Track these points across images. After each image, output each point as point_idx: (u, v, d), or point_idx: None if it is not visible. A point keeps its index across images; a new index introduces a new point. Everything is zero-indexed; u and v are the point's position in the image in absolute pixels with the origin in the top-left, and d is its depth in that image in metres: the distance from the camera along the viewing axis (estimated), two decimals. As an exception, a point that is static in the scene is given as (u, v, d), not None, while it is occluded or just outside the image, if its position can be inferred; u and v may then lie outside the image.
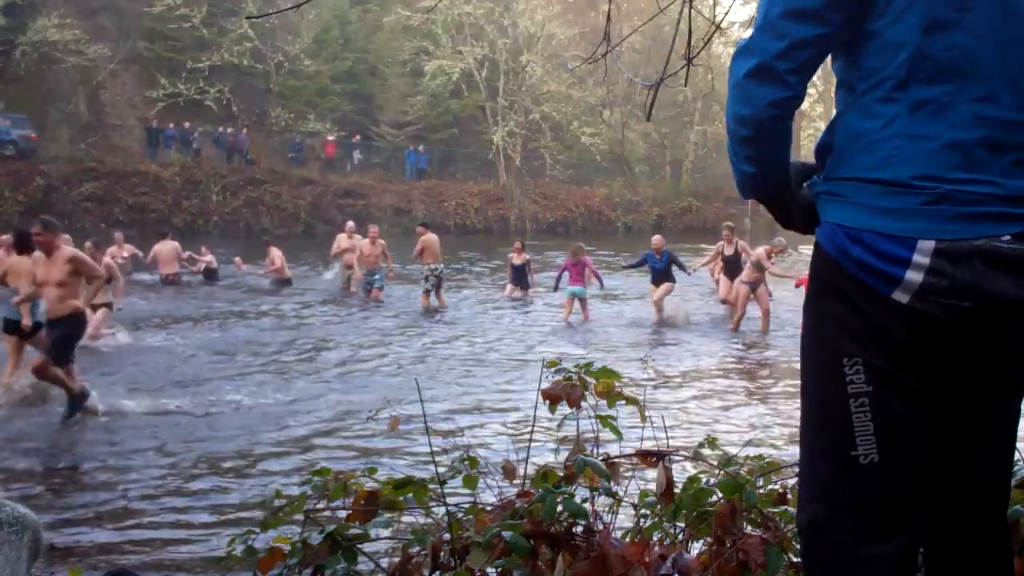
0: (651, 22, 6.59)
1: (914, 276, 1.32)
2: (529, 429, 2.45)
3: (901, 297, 1.34)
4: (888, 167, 1.35)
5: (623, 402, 2.27)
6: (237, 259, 18.89)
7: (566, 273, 13.41)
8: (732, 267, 13.73)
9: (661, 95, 3.03)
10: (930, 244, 1.31)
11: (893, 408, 1.39)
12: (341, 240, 16.41)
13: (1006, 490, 1.55)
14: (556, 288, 13.80)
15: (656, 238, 14.13)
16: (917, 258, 1.31)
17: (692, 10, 2.63)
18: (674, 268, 13.56)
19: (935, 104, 1.33)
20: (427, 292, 14.36)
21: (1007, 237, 1.31)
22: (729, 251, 14.13)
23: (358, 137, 36.63)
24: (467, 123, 39.60)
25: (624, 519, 2.43)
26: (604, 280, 14.30)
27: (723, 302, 13.96)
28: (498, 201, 36.36)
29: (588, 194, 38.60)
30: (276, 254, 16.99)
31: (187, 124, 32.12)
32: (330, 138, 35.30)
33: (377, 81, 38.17)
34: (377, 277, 15.18)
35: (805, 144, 39.94)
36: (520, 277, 15.58)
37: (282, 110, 34.79)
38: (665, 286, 13.50)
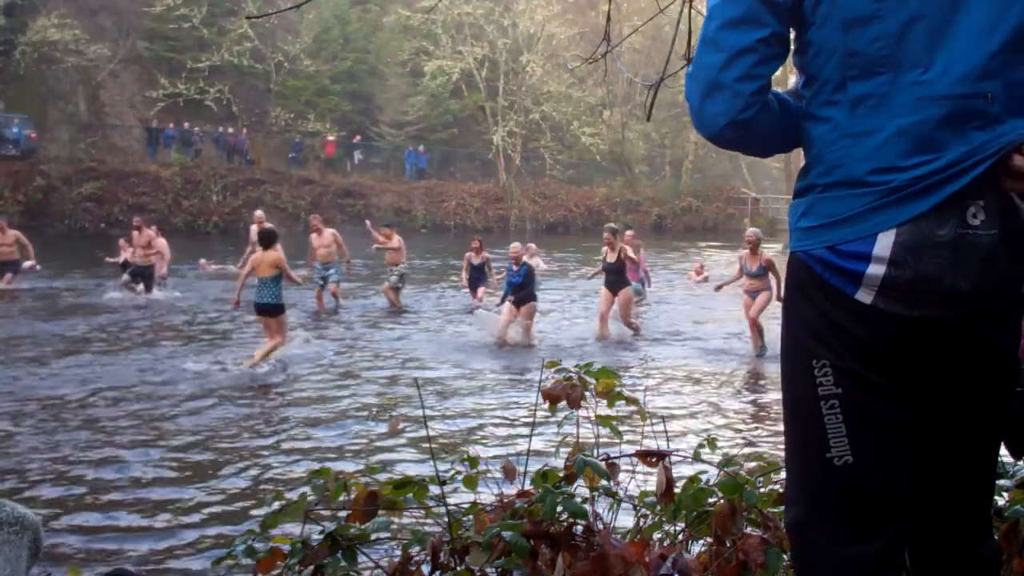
0: (651, 22, 6.58)
1: (876, 270, 1.32)
2: (529, 429, 2.45)
3: (864, 297, 1.34)
4: (842, 167, 1.36)
5: (623, 402, 2.27)
6: (202, 260, 18.80)
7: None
8: (615, 277, 11.86)
9: (661, 95, 3.03)
10: (890, 234, 1.31)
11: (863, 410, 1.39)
12: (253, 233, 14.66)
13: (988, 493, 1.54)
14: None
15: (514, 246, 11.71)
16: (878, 251, 1.32)
17: (692, 10, 2.63)
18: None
19: (874, 97, 1.34)
20: (397, 289, 14.35)
21: (976, 222, 1.30)
22: (611, 258, 11.92)
23: (358, 137, 36.64)
24: (467, 123, 39.62)
25: (624, 519, 2.43)
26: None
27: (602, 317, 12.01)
28: (498, 201, 36.36)
29: (588, 194, 38.61)
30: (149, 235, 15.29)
31: (187, 124, 32.12)
32: (330, 138, 35.30)
33: (377, 81, 38.18)
34: (332, 272, 13.91)
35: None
36: (479, 277, 14.49)
37: (282, 110, 34.79)
38: (527, 307, 11.27)
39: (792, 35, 1.43)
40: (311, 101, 35.51)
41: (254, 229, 15.16)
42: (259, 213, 15.85)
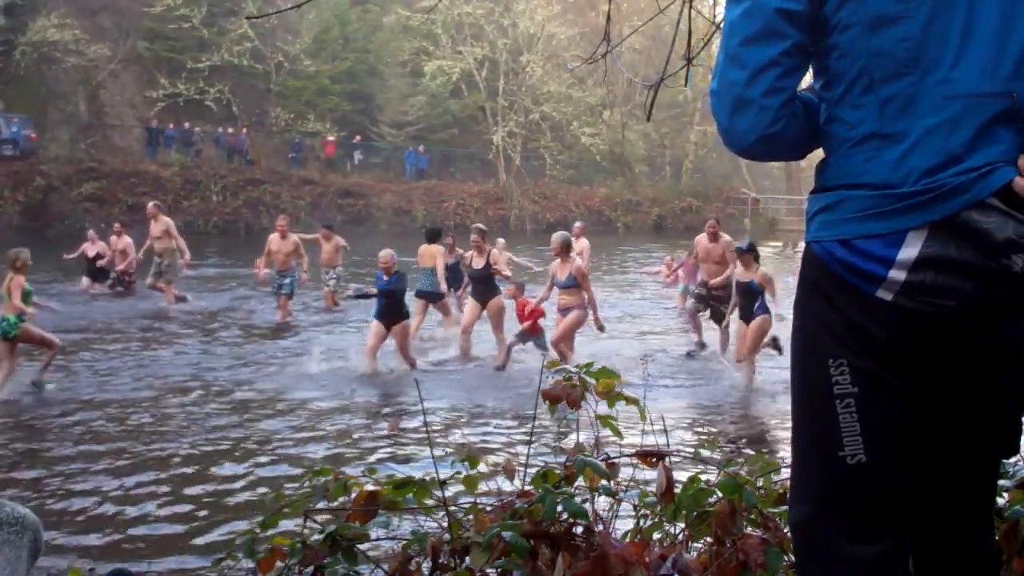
0: (651, 22, 6.59)
1: (897, 275, 1.32)
2: (529, 429, 2.45)
3: (885, 295, 1.34)
4: (870, 171, 1.35)
5: (623, 402, 2.27)
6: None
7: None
8: (483, 285, 10.20)
9: (661, 95, 3.04)
10: (915, 244, 1.30)
11: (879, 409, 1.39)
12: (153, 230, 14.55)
13: (991, 493, 1.55)
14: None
15: (384, 253, 9.50)
16: (902, 256, 1.31)
17: (692, 10, 2.63)
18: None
19: (902, 97, 1.33)
20: (333, 292, 13.81)
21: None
22: (479, 264, 10.23)
23: (358, 137, 36.63)
24: (467, 123, 39.59)
25: (624, 519, 2.43)
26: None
27: (464, 331, 10.41)
28: (498, 201, 36.34)
29: (588, 194, 38.57)
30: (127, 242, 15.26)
31: (187, 124, 32.11)
32: (330, 138, 35.29)
33: (377, 81, 38.15)
34: (288, 281, 12.81)
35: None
36: (455, 277, 12.37)
37: (282, 110, 34.76)
38: (400, 326, 9.38)
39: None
40: (311, 101, 35.48)
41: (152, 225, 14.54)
42: (151, 205, 15.27)
